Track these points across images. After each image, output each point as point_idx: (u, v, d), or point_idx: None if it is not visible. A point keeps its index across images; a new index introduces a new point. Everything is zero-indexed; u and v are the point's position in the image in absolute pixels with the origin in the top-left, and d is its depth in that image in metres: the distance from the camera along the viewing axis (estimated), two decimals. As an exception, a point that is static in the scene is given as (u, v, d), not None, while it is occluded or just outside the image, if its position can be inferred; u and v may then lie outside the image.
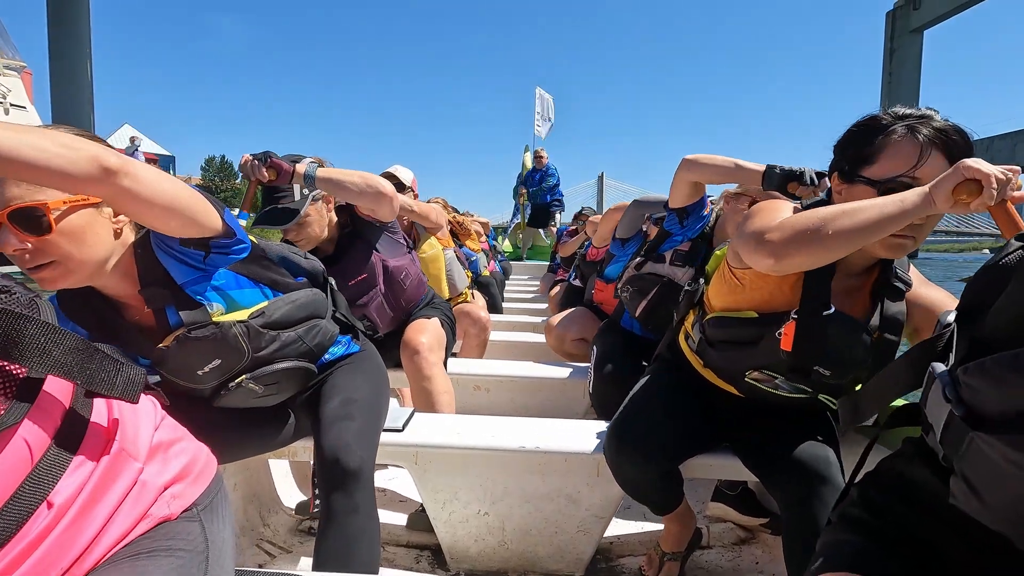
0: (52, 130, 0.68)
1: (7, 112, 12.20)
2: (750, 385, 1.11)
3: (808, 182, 1.28)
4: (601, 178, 17.72)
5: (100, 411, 0.62)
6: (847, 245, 0.80)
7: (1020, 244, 0.58)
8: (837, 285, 0.99)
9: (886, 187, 0.87)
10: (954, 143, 0.85)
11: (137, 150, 12.66)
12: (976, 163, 0.74)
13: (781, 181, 1.31)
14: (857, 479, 0.75)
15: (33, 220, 0.75)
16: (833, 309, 0.96)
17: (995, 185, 0.72)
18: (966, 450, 0.49)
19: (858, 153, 0.92)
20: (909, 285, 1.02)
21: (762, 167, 1.35)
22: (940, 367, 0.57)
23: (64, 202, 0.77)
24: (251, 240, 1.05)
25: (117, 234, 0.87)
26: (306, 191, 1.50)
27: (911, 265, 1.06)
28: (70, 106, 7.68)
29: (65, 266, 0.80)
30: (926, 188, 0.76)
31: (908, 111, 0.89)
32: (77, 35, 7.67)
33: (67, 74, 7.61)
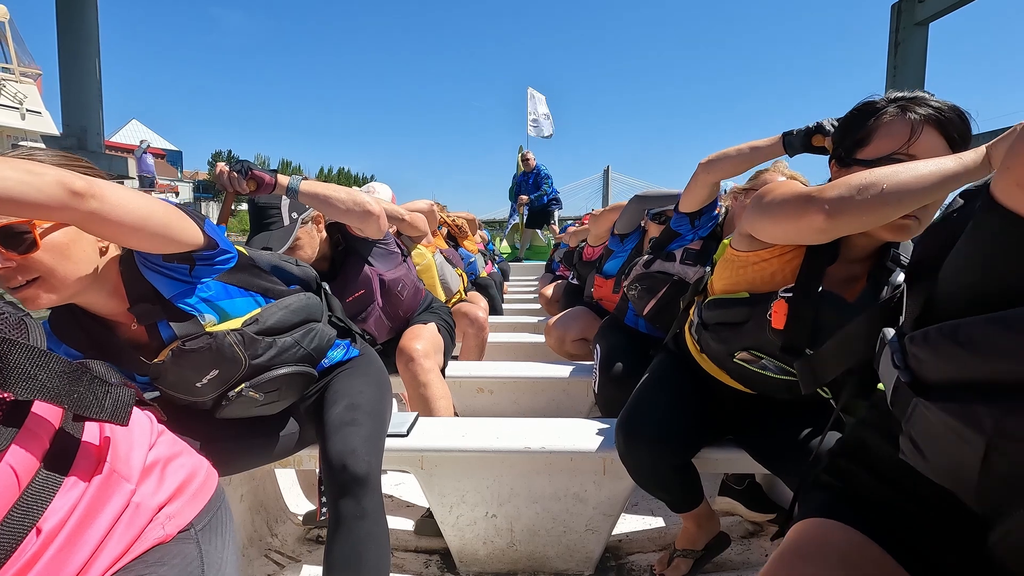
0: (15, 159, 0.66)
1: (23, 117, 12.40)
2: (738, 367, 1.11)
3: (830, 129, 1.24)
4: (607, 172, 17.63)
5: (91, 431, 0.61)
6: (906, 202, 0.75)
7: (962, 201, 0.59)
8: (839, 271, 0.99)
9: (880, 166, 0.85)
10: (948, 120, 0.84)
11: (146, 152, 12.80)
12: None
13: (804, 140, 1.27)
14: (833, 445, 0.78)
15: (18, 238, 0.74)
16: (821, 289, 0.96)
17: None
18: (911, 413, 0.53)
19: (853, 137, 0.92)
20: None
21: (778, 137, 1.32)
22: (891, 333, 0.60)
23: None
24: (238, 250, 1.03)
25: (103, 251, 0.86)
26: (294, 214, 1.48)
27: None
28: (79, 105, 7.69)
29: (49, 283, 0.79)
30: (983, 148, 0.73)
31: (901, 94, 0.89)
32: (86, 35, 7.67)
33: (76, 74, 7.61)
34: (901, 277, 0.64)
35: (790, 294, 0.97)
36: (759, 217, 0.94)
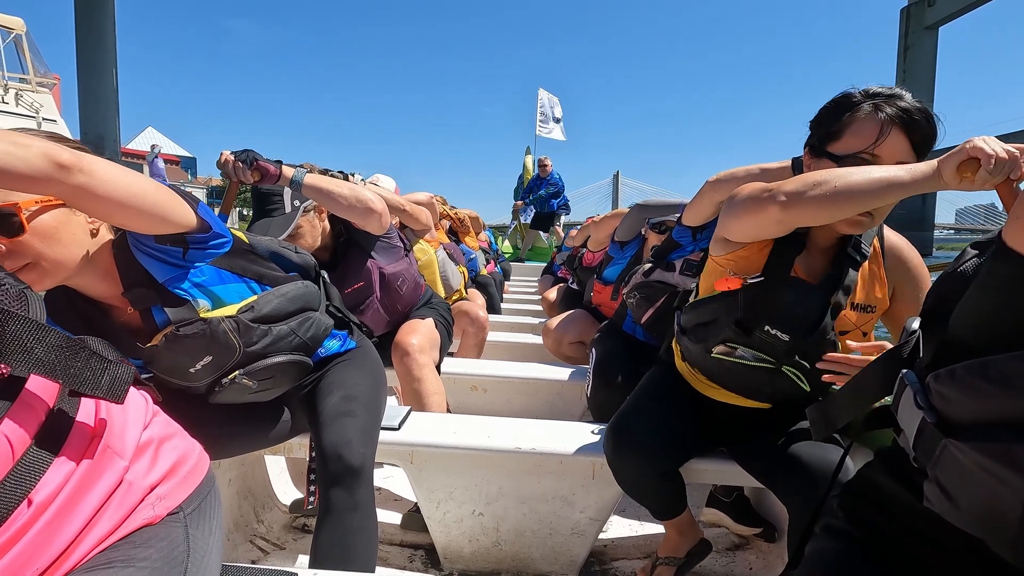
0: (3, 131, 0.65)
1: (39, 125, 12.72)
2: (717, 363, 1.13)
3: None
4: (616, 177, 17.64)
5: (87, 406, 0.61)
6: (854, 202, 0.81)
7: (975, 252, 0.61)
8: (804, 262, 1.05)
9: (846, 163, 0.91)
10: (916, 123, 0.88)
11: (157, 156, 12.99)
12: (981, 141, 0.73)
13: None
14: (842, 486, 0.76)
15: (5, 221, 0.73)
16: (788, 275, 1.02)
17: (992, 165, 0.71)
18: (939, 456, 0.50)
19: (828, 129, 0.96)
20: (865, 256, 1.07)
21: (787, 162, 1.34)
22: (911, 374, 0.59)
23: (36, 202, 0.75)
24: (234, 234, 1.03)
25: (93, 233, 0.85)
26: (297, 203, 1.48)
27: (885, 228, 1.11)
28: (96, 113, 7.80)
29: (41, 268, 0.78)
30: (935, 162, 0.76)
31: (879, 89, 0.92)
32: (103, 45, 7.79)
33: (93, 83, 7.76)
34: (916, 323, 0.65)
35: (761, 278, 1.02)
36: (727, 217, 1.00)
